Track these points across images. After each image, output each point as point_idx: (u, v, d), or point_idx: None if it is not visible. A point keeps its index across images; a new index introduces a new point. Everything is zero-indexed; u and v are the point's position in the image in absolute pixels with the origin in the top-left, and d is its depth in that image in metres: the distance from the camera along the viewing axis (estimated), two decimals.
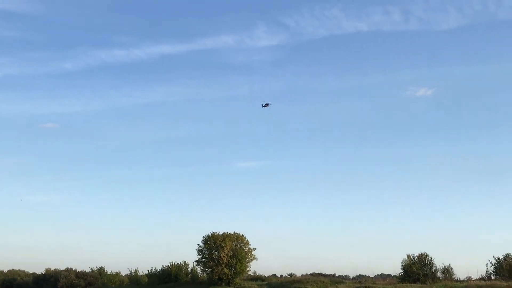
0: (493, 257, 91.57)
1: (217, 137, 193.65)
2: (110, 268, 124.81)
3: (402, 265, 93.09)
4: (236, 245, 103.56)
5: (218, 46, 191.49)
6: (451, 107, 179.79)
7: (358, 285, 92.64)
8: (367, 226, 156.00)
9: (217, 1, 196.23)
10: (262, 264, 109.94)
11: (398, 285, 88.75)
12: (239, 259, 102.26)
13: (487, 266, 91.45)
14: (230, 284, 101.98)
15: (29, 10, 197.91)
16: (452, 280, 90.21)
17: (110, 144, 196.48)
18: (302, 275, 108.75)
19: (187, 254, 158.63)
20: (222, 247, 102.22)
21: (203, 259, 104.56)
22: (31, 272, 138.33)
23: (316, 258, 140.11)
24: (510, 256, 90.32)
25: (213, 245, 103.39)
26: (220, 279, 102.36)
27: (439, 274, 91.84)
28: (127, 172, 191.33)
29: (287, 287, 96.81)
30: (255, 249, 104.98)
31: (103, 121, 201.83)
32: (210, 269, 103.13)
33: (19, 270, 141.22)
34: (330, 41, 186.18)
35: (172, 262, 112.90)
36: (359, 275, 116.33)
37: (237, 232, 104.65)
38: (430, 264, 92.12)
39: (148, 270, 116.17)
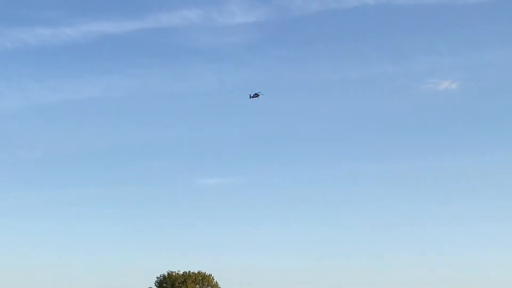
0: None
1: (173, 145, 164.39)
2: None
3: None
4: None
5: (177, 24, 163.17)
6: (483, 104, 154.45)
7: None
8: (362, 268, 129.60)
9: None
10: None
11: None
12: None
13: None
14: None
15: None
16: None
17: (30, 155, 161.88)
18: None
19: None
20: None
21: None
22: None
23: None
24: None
25: None
26: None
27: None
28: (51, 193, 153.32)
29: None
30: None
31: (21, 124, 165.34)
32: None
33: None
34: (325, 17, 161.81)
35: None
36: None
37: (202, 271, 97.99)
38: None
39: None
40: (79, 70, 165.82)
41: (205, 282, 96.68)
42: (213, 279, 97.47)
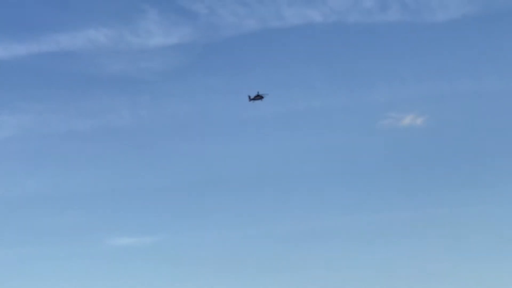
0: None
1: (75, 195, 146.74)
2: None
3: None
4: None
5: (81, 48, 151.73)
6: (454, 143, 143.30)
7: None
8: None
9: None
10: None
11: None
12: None
13: None
14: None
15: None
16: None
17: None
18: None
19: None
20: None
21: None
22: None
23: None
24: None
25: None
26: None
27: None
28: None
29: None
30: None
31: None
32: None
33: None
34: (263, 38, 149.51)
35: None
36: None
37: None
38: None
39: None
40: None
41: None
42: None
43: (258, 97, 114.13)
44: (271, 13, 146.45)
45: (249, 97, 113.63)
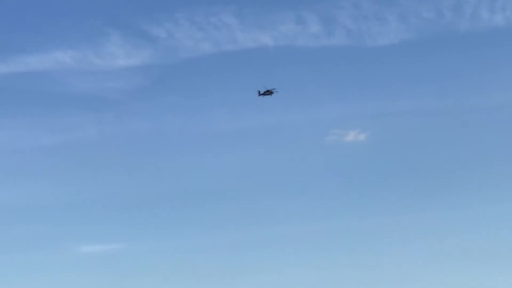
0: None
1: (45, 207, 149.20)
2: None
3: None
4: None
5: (49, 68, 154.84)
6: (395, 158, 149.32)
7: None
8: None
9: (46, 1, 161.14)
10: None
11: None
12: None
13: None
14: None
15: None
16: None
17: None
18: None
19: None
20: None
21: None
22: None
23: None
24: None
25: None
26: None
27: None
28: None
29: None
30: None
31: None
32: None
33: None
34: (219, 60, 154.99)
35: None
36: None
37: None
38: None
39: None
40: None
41: None
42: None
43: (268, 92, 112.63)
44: (225, 37, 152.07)
45: (259, 92, 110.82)
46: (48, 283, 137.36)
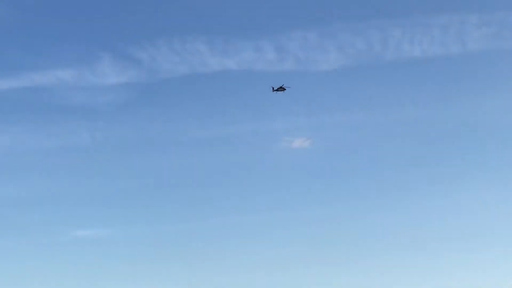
0: None
1: (47, 198, 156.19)
2: None
3: None
4: None
5: (50, 83, 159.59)
6: (332, 160, 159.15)
7: None
8: None
9: (48, 27, 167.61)
10: None
11: None
12: None
13: None
14: None
15: None
16: None
17: None
18: None
19: None
20: None
21: None
22: None
23: None
24: None
25: None
26: None
27: None
28: None
29: None
30: None
31: None
32: None
33: None
34: (192, 80, 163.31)
35: None
36: None
37: None
38: None
39: None
40: None
41: None
42: None
43: (281, 88, 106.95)
44: (198, 61, 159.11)
45: (273, 88, 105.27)
46: (47, 263, 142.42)
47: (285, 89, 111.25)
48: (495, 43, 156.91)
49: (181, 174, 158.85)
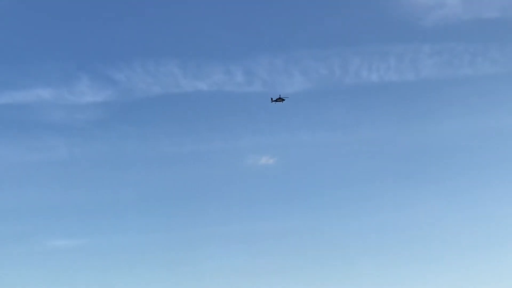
0: None
1: (24, 210, 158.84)
2: None
3: None
4: None
5: (31, 101, 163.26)
6: (294, 176, 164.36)
7: None
8: None
9: (29, 48, 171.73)
10: None
11: None
12: None
13: None
14: None
15: None
16: None
17: None
18: None
19: None
20: None
21: None
22: None
23: None
24: None
25: None
26: None
27: None
28: None
29: None
30: None
31: None
32: None
33: None
34: (165, 100, 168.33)
35: None
36: None
37: None
38: None
39: None
40: None
41: None
42: None
43: (280, 99, 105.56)
44: (171, 83, 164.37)
45: (272, 99, 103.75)
46: (23, 272, 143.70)
47: (283, 100, 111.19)
48: (446, 71, 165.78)
49: (154, 188, 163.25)
